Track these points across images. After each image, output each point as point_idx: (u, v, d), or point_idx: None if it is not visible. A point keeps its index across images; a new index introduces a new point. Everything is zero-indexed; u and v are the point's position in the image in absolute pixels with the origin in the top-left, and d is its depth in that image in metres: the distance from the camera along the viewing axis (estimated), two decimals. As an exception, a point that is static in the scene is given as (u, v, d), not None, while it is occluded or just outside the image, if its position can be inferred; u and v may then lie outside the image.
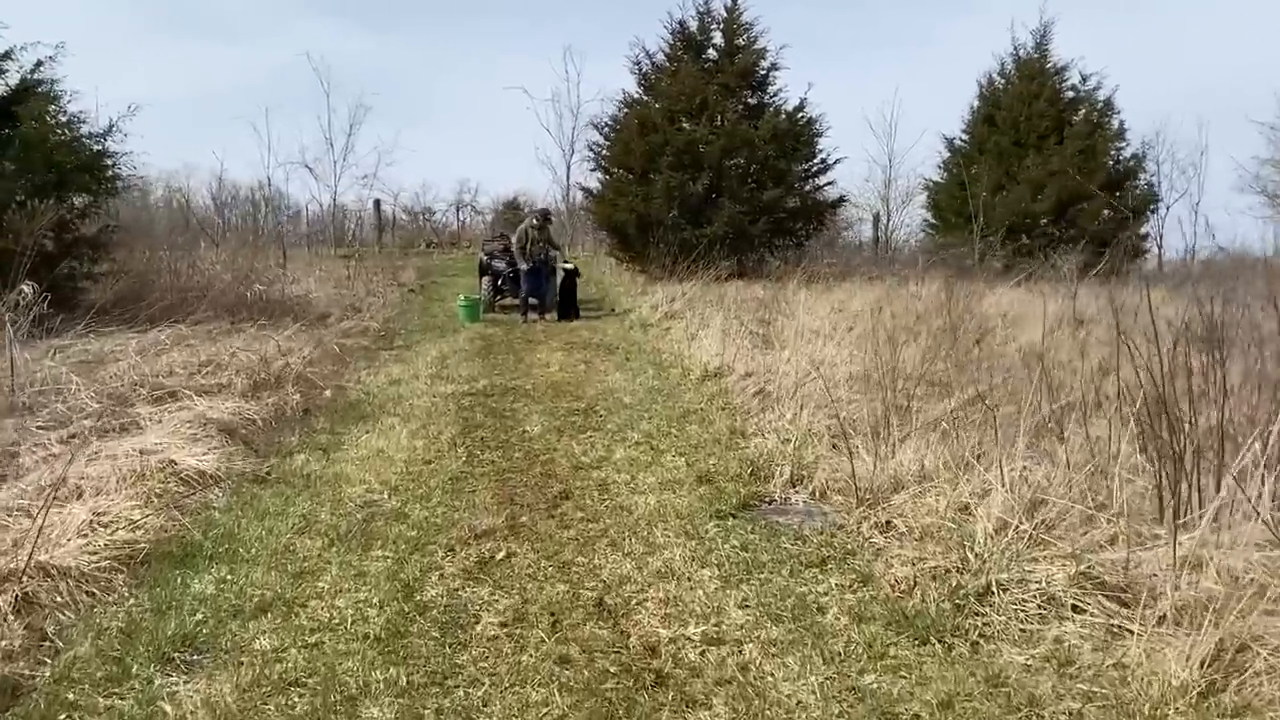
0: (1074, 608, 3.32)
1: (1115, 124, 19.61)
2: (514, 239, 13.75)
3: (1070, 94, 19.80)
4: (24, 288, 7.82)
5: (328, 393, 7.92)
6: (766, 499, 4.94)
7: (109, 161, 11.74)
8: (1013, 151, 19.05)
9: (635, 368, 9.26)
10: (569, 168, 27.52)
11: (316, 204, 27.35)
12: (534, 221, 13.67)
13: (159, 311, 11.36)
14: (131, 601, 3.61)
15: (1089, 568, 3.43)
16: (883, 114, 31.44)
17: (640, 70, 19.30)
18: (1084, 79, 19.74)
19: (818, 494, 4.96)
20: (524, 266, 13.50)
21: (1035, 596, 3.37)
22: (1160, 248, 25.48)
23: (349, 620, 3.46)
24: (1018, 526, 3.71)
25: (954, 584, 3.53)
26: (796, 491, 5.01)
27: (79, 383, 6.49)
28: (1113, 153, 19.57)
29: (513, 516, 4.62)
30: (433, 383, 8.46)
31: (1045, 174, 18.67)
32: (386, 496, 5.00)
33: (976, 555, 3.62)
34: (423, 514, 4.68)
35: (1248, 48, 48.56)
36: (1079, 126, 19.40)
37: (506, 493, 5.08)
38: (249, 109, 35.72)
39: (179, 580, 3.81)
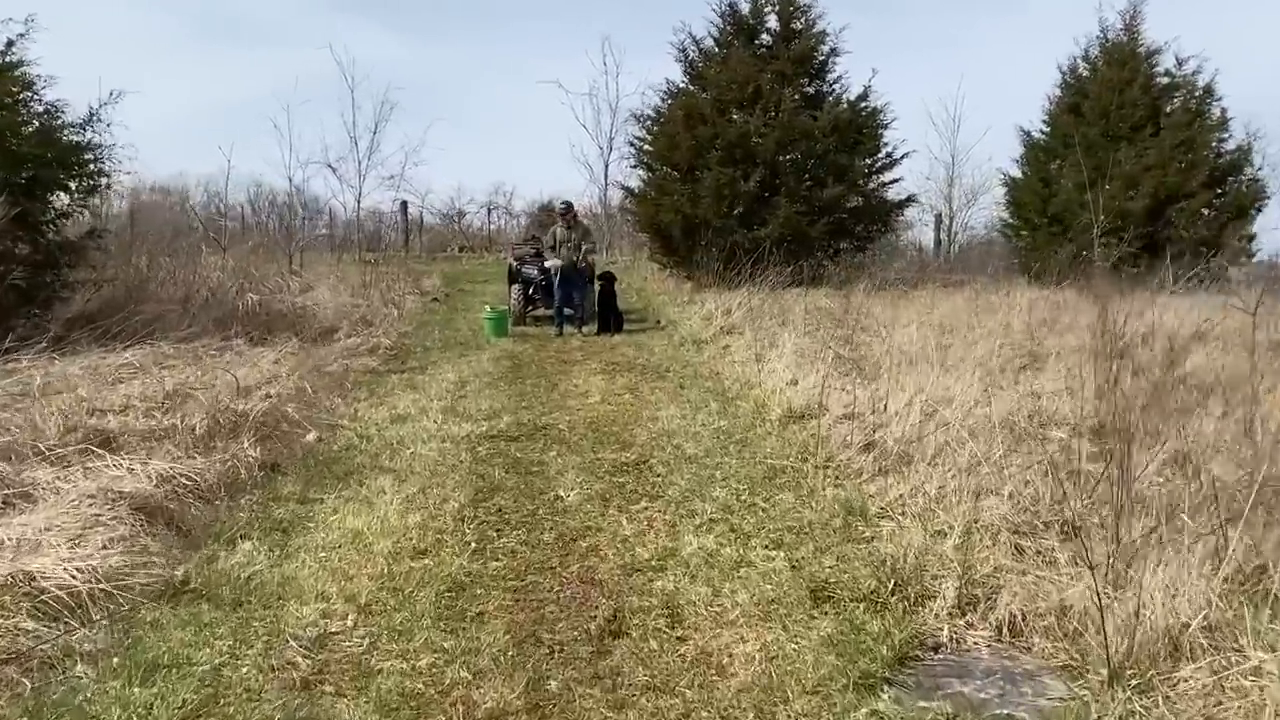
0: None
1: (1216, 113, 17.51)
2: (544, 243, 12.15)
3: (1164, 80, 17.72)
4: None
5: (311, 435, 6.32)
6: (929, 641, 3.19)
7: (90, 156, 10.31)
8: (1102, 144, 17.01)
9: (694, 399, 7.55)
10: (607, 166, 25.93)
11: (346, 207, 26.03)
12: (561, 222, 12.02)
13: (142, 325, 9.92)
14: None
15: None
16: (945, 107, 29.31)
17: (686, 57, 17.61)
18: (1179, 63, 17.67)
19: (1005, 632, 3.21)
20: (554, 273, 11.87)
21: None
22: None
23: None
24: None
25: None
26: (971, 625, 3.27)
27: (-24, 431, 4.95)
28: (1214, 145, 17.44)
29: (536, 680, 2.93)
30: (445, 419, 6.82)
31: (1140, 169, 16.63)
32: (350, 626, 3.35)
33: None
34: (397, 669, 3.01)
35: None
36: (1176, 116, 17.31)
37: (528, 621, 3.40)
38: (276, 110, 34.76)
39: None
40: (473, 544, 4.24)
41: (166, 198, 27.36)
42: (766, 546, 4.08)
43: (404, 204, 25.93)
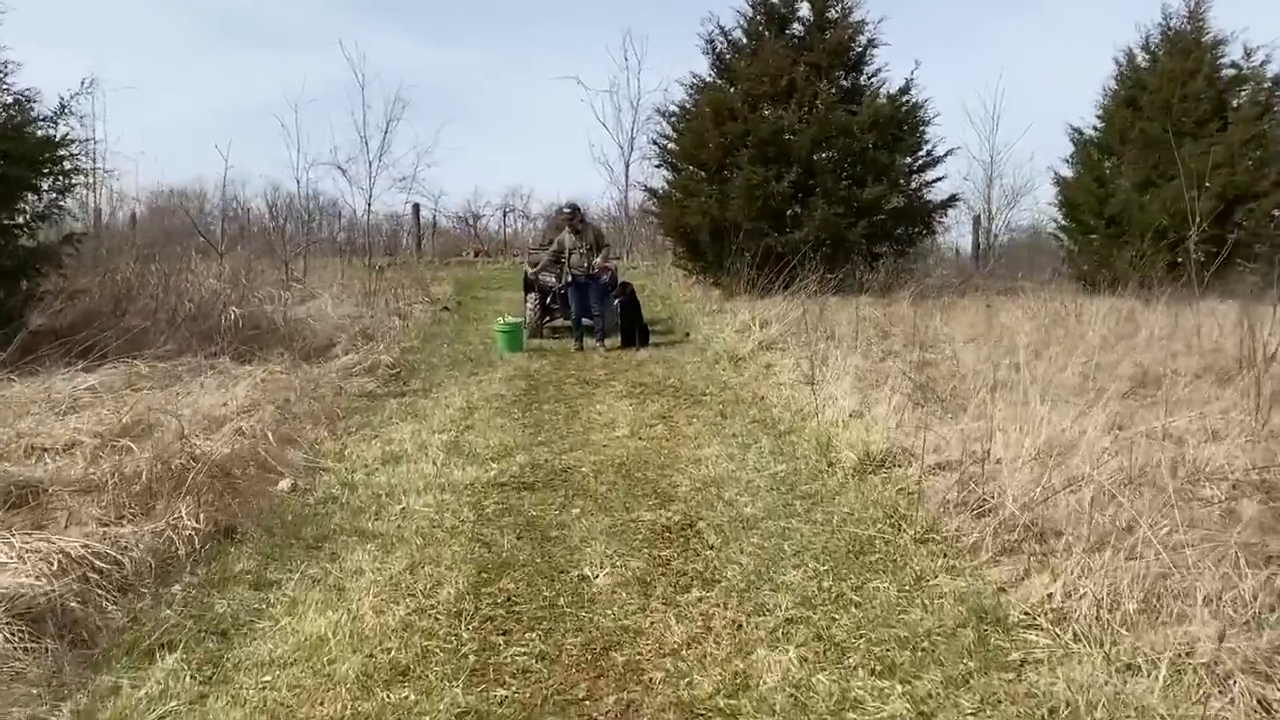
0: None
1: (1289, 105, 16.19)
2: (546, 258, 11.14)
3: (1231, 71, 16.42)
4: None
5: (284, 483, 5.25)
6: None
7: (64, 153, 9.33)
8: (1163, 140, 15.70)
9: (739, 433, 6.42)
10: (628, 166, 24.85)
11: (356, 209, 25.09)
12: (569, 228, 10.90)
13: (120, 340, 8.94)
14: None
15: None
16: (983, 104, 28.07)
17: (714, 50, 16.49)
18: (1248, 54, 16.36)
19: None
20: (566, 279, 10.81)
21: None
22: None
23: None
24: None
25: None
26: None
27: None
28: (1288, 140, 16.12)
29: None
30: (447, 459, 5.73)
31: (1206, 166, 15.31)
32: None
33: None
34: None
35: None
36: (1245, 110, 16.01)
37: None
38: (285, 110, 33.83)
39: None
40: (471, 657, 3.14)
41: (185, 201, 26.70)
42: (875, 673, 2.95)
43: (416, 206, 24.97)
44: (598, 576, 3.84)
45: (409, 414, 7.25)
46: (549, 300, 11.96)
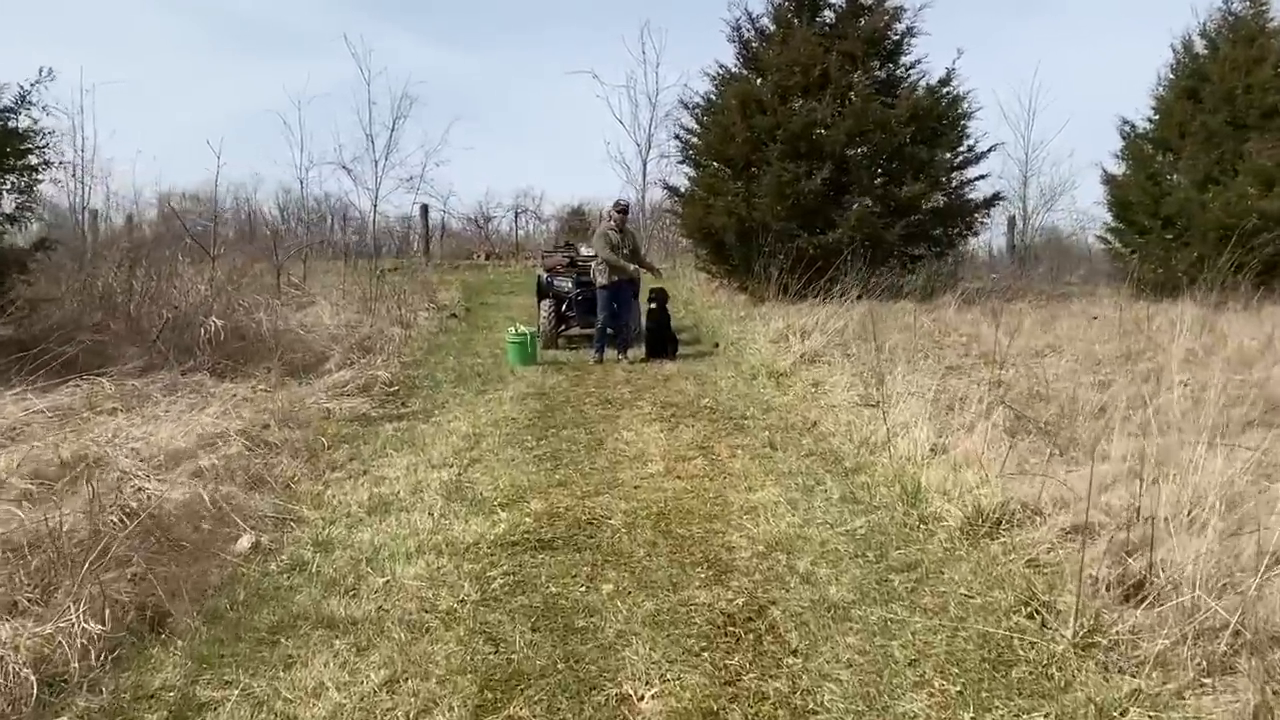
0: None
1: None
2: (594, 245, 10.02)
3: (1298, 58, 15.23)
4: None
5: (244, 541, 4.23)
6: None
7: (26, 146, 8.38)
8: (1227, 134, 14.57)
9: (797, 470, 5.37)
10: (645, 165, 23.80)
11: (372, 211, 24.17)
12: (613, 223, 9.87)
13: (92, 354, 8.04)
14: None
15: None
16: (1019, 99, 26.91)
17: (740, 37, 15.42)
18: (1318, 39, 15.17)
19: None
20: (601, 281, 9.75)
21: None
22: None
23: None
24: None
25: None
26: None
27: None
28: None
29: None
30: (446, 508, 4.71)
31: (1275, 164, 14.16)
32: None
33: None
34: None
35: None
36: (1315, 100, 14.82)
37: None
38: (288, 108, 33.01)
39: None
40: None
41: (197, 204, 26.06)
42: None
43: (424, 207, 23.97)
44: (643, 698, 2.80)
45: (406, 443, 6.23)
46: (565, 308, 10.94)
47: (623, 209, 9.95)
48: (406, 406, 7.50)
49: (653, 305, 9.99)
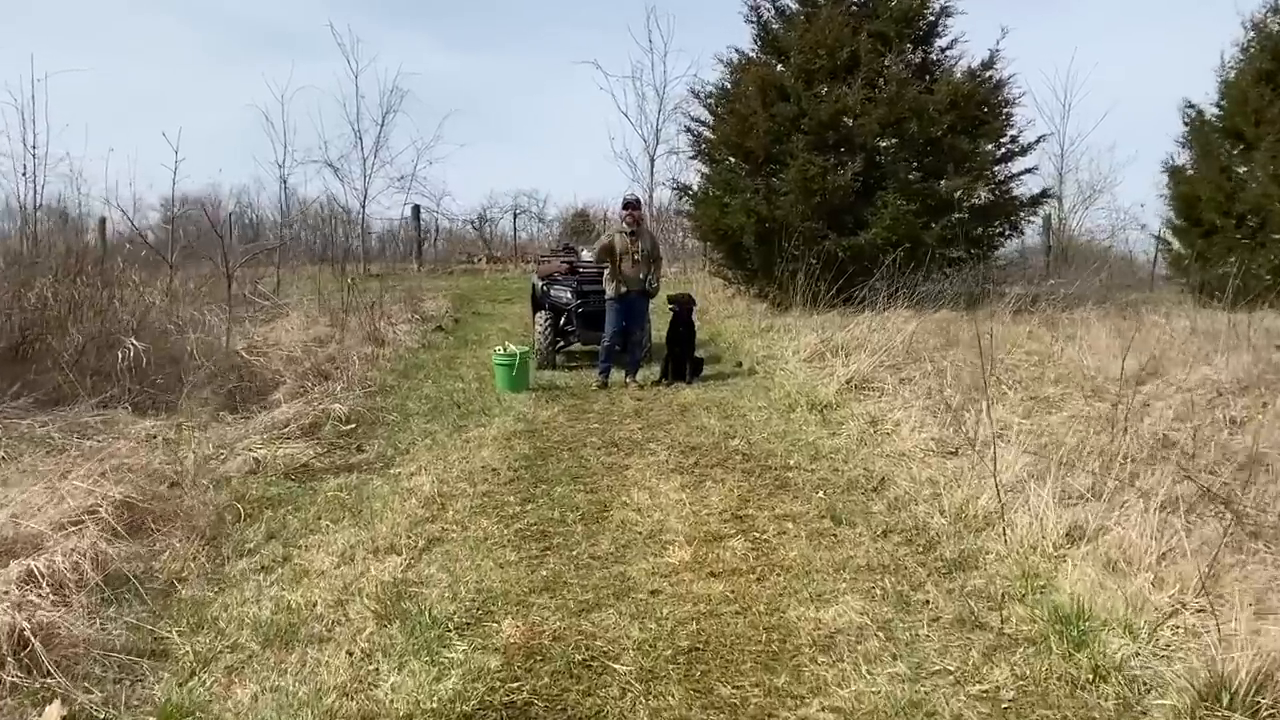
0: None
1: None
2: (596, 251, 8.55)
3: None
4: None
5: (52, 712, 2.73)
6: None
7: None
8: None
9: (880, 563, 3.85)
10: (653, 162, 22.29)
11: (360, 212, 22.73)
12: (624, 226, 8.36)
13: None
14: None
15: None
16: (1054, 91, 25.35)
17: (759, 18, 13.95)
18: None
19: None
20: (610, 294, 8.26)
21: None
22: None
23: None
24: None
25: None
26: None
27: None
28: None
29: None
30: (377, 639, 3.21)
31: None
32: None
33: None
34: None
35: None
36: None
37: None
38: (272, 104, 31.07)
39: None
40: None
41: (199, 208, 24.89)
42: None
43: (416, 208, 22.51)
44: None
45: (347, 511, 4.74)
46: (564, 321, 9.44)
47: (631, 203, 8.44)
48: (362, 452, 6.01)
49: (675, 314, 8.48)
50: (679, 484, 5.14)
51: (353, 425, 6.53)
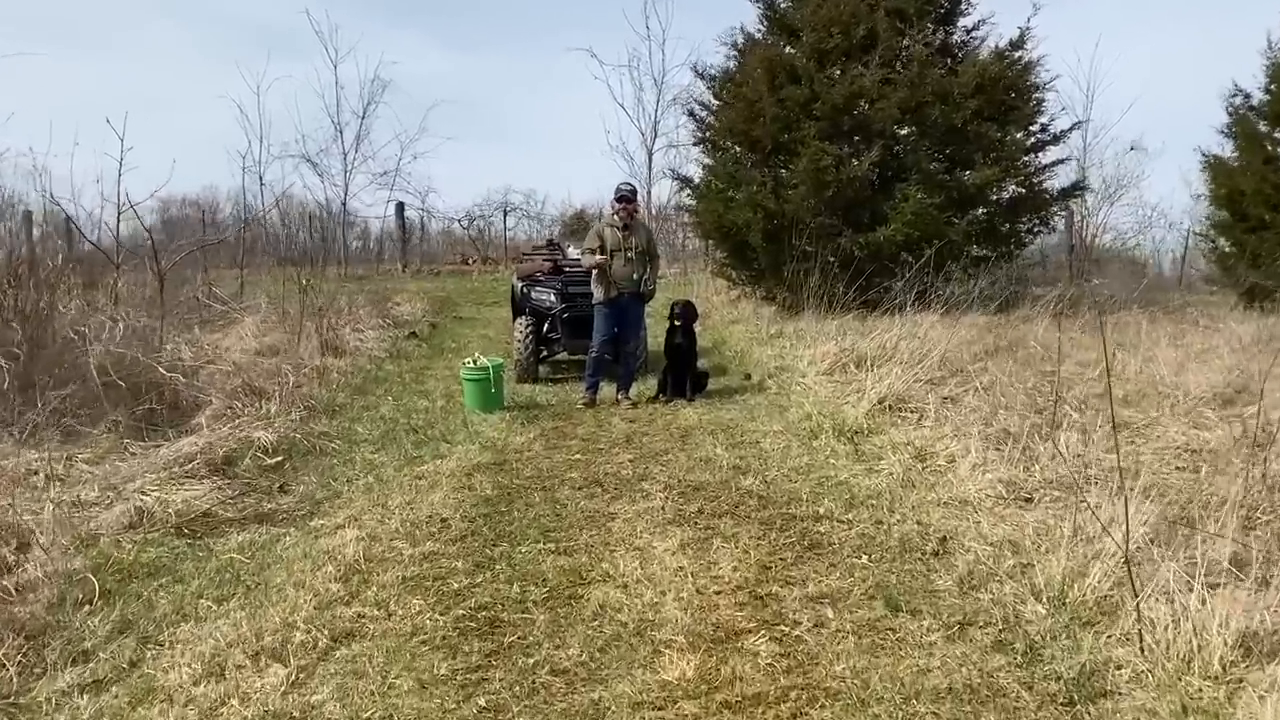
0: None
1: None
2: (584, 249, 7.36)
3: None
4: None
5: None
6: None
7: None
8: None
9: (964, 680, 2.67)
10: (651, 155, 21.12)
11: (341, 209, 21.60)
12: (615, 218, 7.19)
13: None
14: None
15: None
16: (1076, 81, 24.22)
17: (766, -4, 12.76)
18: None
19: None
20: (599, 297, 7.09)
21: None
22: None
23: None
24: None
25: None
26: None
27: None
28: None
29: None
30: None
31: None
32: None
33: None
34: None
35: None
36: None
37: None
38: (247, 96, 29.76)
39: None
40: None
41: (196, 211, 23.95)
42: None
43: (400, 205, 21.33)
44: None
45: (241, 583, 3.57)
46: (546, 329, 8.27)
47: (625, 196, 7.26)
48: (285, 493, 4.84)
49: (675, 323, 7.32)
50: (679, 542, 3.97)
51: (280, 458, 5.35)
